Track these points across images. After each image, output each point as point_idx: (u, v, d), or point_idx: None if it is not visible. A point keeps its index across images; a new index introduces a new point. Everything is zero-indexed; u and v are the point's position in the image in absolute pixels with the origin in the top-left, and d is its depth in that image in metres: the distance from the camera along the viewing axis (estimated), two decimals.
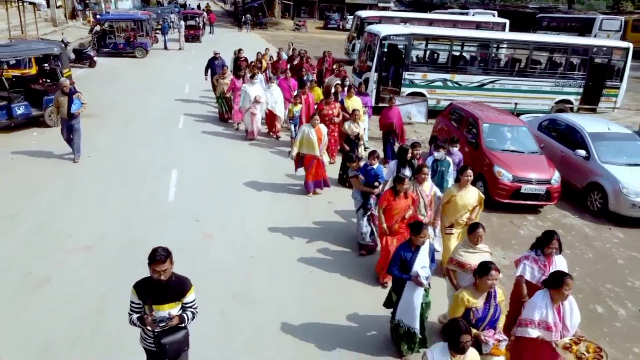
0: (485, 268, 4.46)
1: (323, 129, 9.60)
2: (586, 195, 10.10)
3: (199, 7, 44.19)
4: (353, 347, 5.68)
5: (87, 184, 9.58)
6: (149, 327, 3.94)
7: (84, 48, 21.83)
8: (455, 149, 8.66)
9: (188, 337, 4.20)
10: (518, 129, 10.62)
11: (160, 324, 3.90)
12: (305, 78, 14.07)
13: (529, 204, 9.66)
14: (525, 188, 9.44)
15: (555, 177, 9.63)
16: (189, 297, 4.07)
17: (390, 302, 5.72)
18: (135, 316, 3.99)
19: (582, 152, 10.24)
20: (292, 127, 11.81)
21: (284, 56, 17.90)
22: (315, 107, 11.56)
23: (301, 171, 9.81)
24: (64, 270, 6.69)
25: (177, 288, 4.02)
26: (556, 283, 4.45)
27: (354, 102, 11.36)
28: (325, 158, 9.83)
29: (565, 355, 4.36)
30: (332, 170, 10.52)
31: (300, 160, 9.62)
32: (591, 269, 7.94)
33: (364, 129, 11.25)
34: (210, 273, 6.78)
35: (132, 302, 3.99)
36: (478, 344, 4.33)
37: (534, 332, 4.49)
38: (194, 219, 8.35)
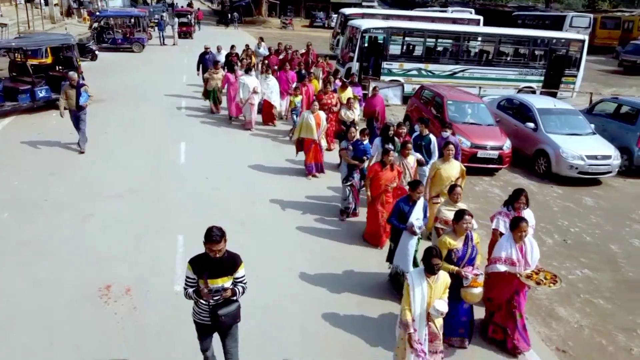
0: (460, 214, 5.31)
1: (322, 115, 10.26)
2: (534, 161, 11.92)
3: (188, 5, 45.67)
4: (355, 291, 6.57)
5: (109, 152, 11.15)
6: (204, 299, 4.15)
7: (86, 42, 23.19)
8: (448, 133, 8.91)
9: (240, 310, 4.39)
10: (477, 106, 12.43)
11: (215, 295, 4.12)
12: (303, 72, 15.04)
13: (484, 167, 11.42)
14: (481, 153, 11.22)
15: (507, 144, 11.42)
16: (240, 272, 4.30)
17: (391, 254, 6.52)
18: (190, 290, 4.18)
19: (531, 125, 12.04)
20: (294, 117, 12.35)
21: (264, 52, 18.53)
22: (314, 97, 12.38)
23: (301, 155, 10.48)
24: (103, 210, 8.36)
25: (229, 263, 4.23)
26: (514, 226, 5.38)
27: (347, 94, 12.13)
28: (323, 143, 10.33)
29: (528, 282, 5.32)
30: (330, 156, 11.41)
31: (301, 144, 10.29)
32: None
33: (357, 115, 11.95)
34: (219, 216, 8.42)
35: (187, 277, 4.20)
36: (460, 280, 5.14)
37: (501, 267, 5.34)
38: (204, 177, 10.00)
